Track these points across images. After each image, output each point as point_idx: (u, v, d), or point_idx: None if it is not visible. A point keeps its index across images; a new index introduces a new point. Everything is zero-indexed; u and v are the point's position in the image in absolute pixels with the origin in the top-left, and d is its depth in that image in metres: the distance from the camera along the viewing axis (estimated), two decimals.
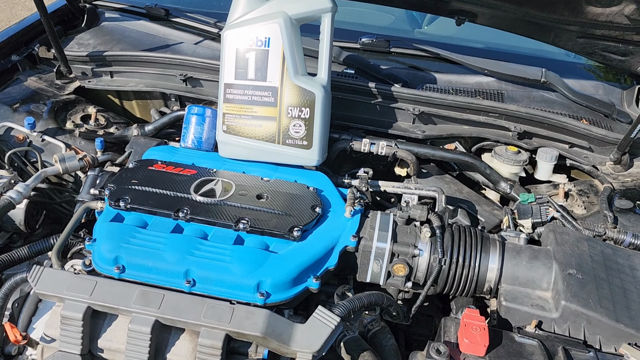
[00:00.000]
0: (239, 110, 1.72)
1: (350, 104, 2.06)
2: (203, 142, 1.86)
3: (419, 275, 1.52)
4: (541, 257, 1.50)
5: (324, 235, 1.50)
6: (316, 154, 1.73)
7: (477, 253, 1.50)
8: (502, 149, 1.99)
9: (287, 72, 1.68)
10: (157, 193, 1.54)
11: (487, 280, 1.49)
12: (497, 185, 1.93)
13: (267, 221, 1.47)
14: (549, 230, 1.60)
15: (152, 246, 1.39)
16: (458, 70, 2.25)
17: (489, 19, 2.01)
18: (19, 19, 6.82)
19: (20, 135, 1.90)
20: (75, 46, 2.28)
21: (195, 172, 1.65)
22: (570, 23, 1.86)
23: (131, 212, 1.50)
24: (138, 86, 2.18)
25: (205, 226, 1.47)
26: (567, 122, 1.98)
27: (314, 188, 1.63)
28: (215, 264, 1.36)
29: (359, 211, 1.57)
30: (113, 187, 1.54)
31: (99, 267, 1.37)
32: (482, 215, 1.83)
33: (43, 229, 1.87)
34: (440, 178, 1.97)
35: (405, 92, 2.01)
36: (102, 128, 2.05)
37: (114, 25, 2.45)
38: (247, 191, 1.58)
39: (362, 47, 2.31)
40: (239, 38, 1.70)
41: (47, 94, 2.12)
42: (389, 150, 1.88)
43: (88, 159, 1.82)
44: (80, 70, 2.22)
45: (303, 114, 1.70)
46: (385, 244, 1.49)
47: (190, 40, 2.34)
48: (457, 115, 2.03)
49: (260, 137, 1.73)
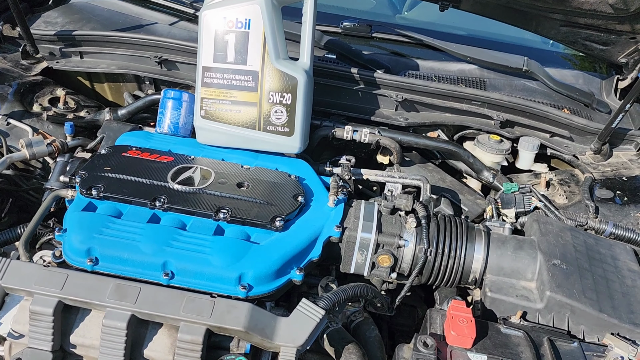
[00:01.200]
0: (217, 95, 1.66)
1: (332, 90, 2.01)
2: (180, 127, 1.78)
3: (404, 266, 1.50)
4: (526, 248, 1.49)
5: (307, 225, 1.45)
6: (298, 141, 1.68)
7: (463, 243, 1.48)
8: (484, 137, 1.97)
9: (269, 55, 1.62)
10: (132, 181, 1.47)
11: (473, 270, 1.48)
12: (480, 174, 1.91)
13: (248, 211, 1.42)
14: (533, 220, 1.59)
15: (128, 237, 1.32)
16: (440, 57, 2.22)
17: (472, 5, 1.97)
18: None
19: None
20: (42, 24, 2.17)
21: (172, 159, 1.58)
22: (555, 11, 1.84)
23: (104, 201, 1.42)
24: (110, 68, 2.08)
25: (183, 216, 1.41)
26: (549, 111, 1.97)
27: (296, 176, 1.59)
28: (194, 255, 1.30)
29: (343, 200, 1.54)
30: (84, 174, 1.47)
31: (70, 259, 1.30)
32: (465, 204, 1.82)
33: (9, 218, 1.78)
34: (423, 166, 1.94)
35: (388, 78, 1.97)
36: (72, 112, 1.95)
37: (83, 3, 2.34)
38: (227, 179, 1.52)
39: (343, 32, 2.26)
40: (218, 19, 1.62)
41: (12, 75, 2.01)
42: (372, 137, 1.84)
43: (57, 144, 1.73)
44: (47, 50, 2.11)
45: (285, 100, 1.64)
46: (370, 234, 1.46)
47: (165, 21, 2.25)
48: (440, 103, 2.00)
49: (240, 123, 1.66)
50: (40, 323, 1.19)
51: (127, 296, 1.20)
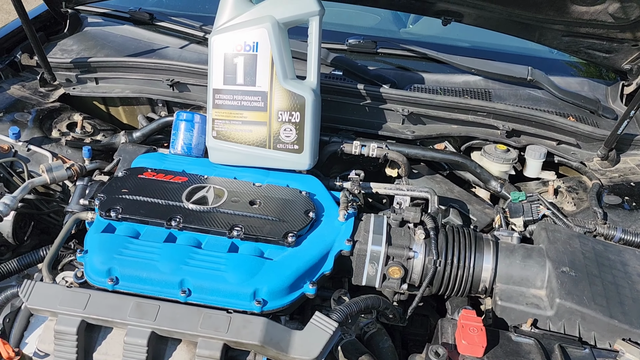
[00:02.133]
0: (228, 116, 1.71)
1: (339, 106, 2.06)
2: (193, 148, 1.84)
3: (414, 277, 1.53)
4: (534, 256, 1.51)
5: (319, 240, 1.49)
6: (308, 158, 1.72)
7: (472, 253, 1.51)
8: (491, 147, 2.00)
9: (277, 76, 1.67)
10: (149, 202, 1.52)
11: (482, 280, 1.50)
12: (488, 184, 1.94)
13: (261, 227, 1.46)
14: (541, 228, 1.61)
15: (146, 256, 1.37)
16: (445, 70, 2.26)
17: (475, 19, 2.02)
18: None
19: (5, 145, 1.86)
20: (59, 52, 2.25)
21: (186, 179, 1.64)
22: (556, 22, 1.88)
23: (122, 222, 1.48)
24: (124, 92, 2.15)
25: (198, 234, 1.46)
26: (554, 119, 2.00)
27: (307, 192, 1.63)
28: (210, 272, 1.34)
29: (353, 214, 1.57)
30: (103, 197, 1.52)
31: (91, 279, 1.35)
32: (473, 214, 1.84)
33: (31, 240, 1.84)
34: (431, 178, 1.98)
35: (394, 93, 2.01)
36: (89, 135, 2.02)
37: (97, 30, 2.42)
38: (240, 197, 1.57)
39: (349, 49, 2.31)
40: (226, 43, 1.68)
41: (31, 102, 2.09)
42: (380, 152, 1.88)
43: (76, 168, 1.79)
44: (64, 77, 2.19)
45: (293, 118, 1.69)
46: (380, 247, 1.49)
47: (175, 45, 2.32)
48: (445, 115, 2.04)
49: (251, 142, 1.71)
50: (64, 342, 1.24)
51: (147, 314, 1.25)
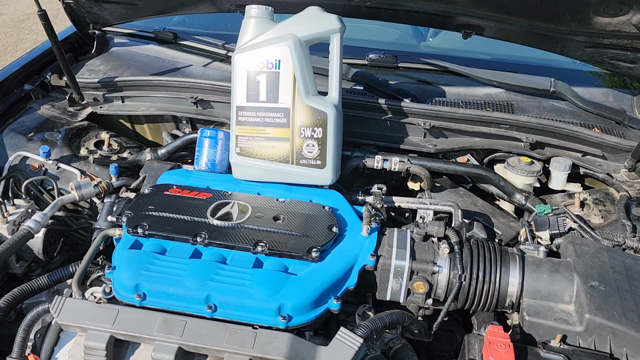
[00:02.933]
0: (251, 132, 1.73)
1: (361, 121, 2.07)
2: (216, 164, 1.87)
3: (439, 292, 1.52)
4: (562, 270, 1.49)
5: (343, 255, 1.49)
6: (330, 173, 1.73)
7: (497, 268, 1.49)
8: (514, 160, 1.99)
9: (299, 92, 1.69)
10: (174, 218, 1.54)
11: (509, 295, 1.48)
12: (512, 197, 1.92)
13: (285, 243, 1.47)
14: (568, 241, 1.59)
15: (172, 272, 1.39)
16: (466, 83, 2.26)
17: (495, 32, 2.01)
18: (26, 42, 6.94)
19: (35, 164, 1.92)
20: (87, 73, 2.31)
21: (210, 195, 1.66)
22: (578, 34, 1.87)
23: (149, 239, 1.50)
24: (149, 110, 2.20)
25: (223, 250, 1.47)
26: (579, 131, 1.98)
27: (330, 207, 1.64)
28: (235, 288, 1.36)
29: (376, 229, 1.57)
30: (130, 213, 1.55)
31: (119, 295, 1.38)
32: (498, 227, 1.83)
33: (61, 256, 1.88)
34: (454, 191, 1.97)
35: (415, 107, 2.02)
36: (116, 153, 2.06)
37: (123, 50, 2.48)
38: (264, 213, 1.58)
39: (370, 63, 2.32)
40: (249, 61, 1.71)
41: (60, 122, 2.14)
42: (402, 166, 1.88)
43: (103, 185, 1.83)
44: (92, 96, 2.25)
45: (316, 134, 1.71)
46: (404, 261, 1.49)
47: (199, 63, 2.36)
48: (468, 128, 2.03)
49: (274, 158, 1.73)
50: (94, 358, 1.26)
51: (174, 330, 1.26)
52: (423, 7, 1.92)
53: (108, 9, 2.27)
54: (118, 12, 2.30)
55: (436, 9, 1.92)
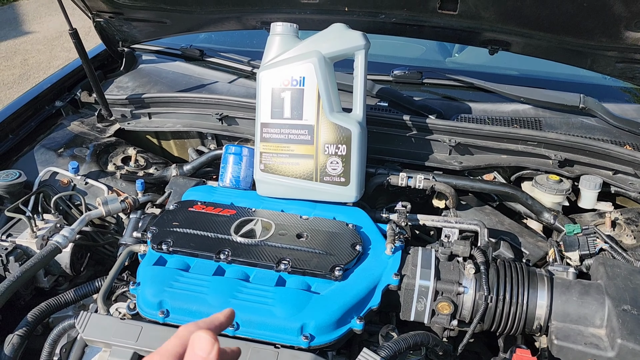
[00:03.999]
0: (276, 149, 1.74)
1: (385, 137, 2.06)
2: (241, 180, 1.88)
3: (465, 313, 1.49)
4: (592, 293, 1.44)
5: (366, 274, 1.48)
6: (354, 190, 1.72)
7: (525, 289, 1.46)
8: (543, 178, 1.95)
9: (323, 109, 1.70)
10: (198, 235, 1.55)
11: (537, 317, 1.44)
12: (540, 216, 1.88)
13: (308, 261, 1.46)
14: (599, 263, 1.54)
15: (195, 289, 1.39)
16: (493, 99, 2.23)
17: (523, 48, 1.99)
18: (58, 59, 7.14)
19: (64, 179, 1.96)
20: (115, 89, 2.36)
21: (234, 212, 1.67)
22: (609, 49, 1.83)
23: (173, 255, 1.51)
24: (175, 126, 2.23)
25: (246, 267, 1.47)
26: (610, 148, 1.93)
27: (353, 225, 1.62)
28: (258, 306, 1.35)
29: (400, 248, 1.55)
30: (155, 229, 1.57)
31: (143, 311, 1.39)
32: (526, 247, 1.79)
33: (87, 271, 1.90)
34: (480, 209, 1.93)
35: (440, 123, 2.00)
36: (142, 169, 2.09)
37: (151, 67, 2.53)
38: (287, 230, 1.58)
39: (394, 80, 2.31)
40: (274, 78, 1.72)
41: (89, 138, 2.19)
42: (427, 183, 1.86)
43: (129, 201, 1.86)
44: (120, 112, 2.29)
45: (340, 151, 1.70)
46: (429, 281, 1.47)
47: (224, 79, 2.39)
48: (494, 145, 2.00)
49: (298, 175, 1.73)
50: None
51: None
52: (449, 22, 1.91)
53: (137, 27, 2.32)
54: (147, 30, 2.35)
55: (462, 24, 1.90)
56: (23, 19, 8.90)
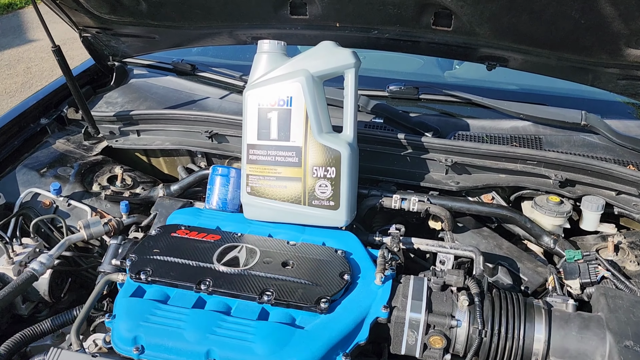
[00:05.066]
0: (262, 172, 1.67)
1: (379, 156, 1.98)
2: (228, 202, 1.81)
3: (458, 347, 1.41)
4: (592, 327, 1.36)
5: (353, 305, 1.40)
6: (344, 215, 1.65)
7: (521, 323, 1.38)
8: (543, 199, 1.87)
9: (311, 130, 1.63)
10: (179, 263, 1.48)
11: (534, 353, 1.36)
12: (540, 240, 1.80)
13: (292, 292, 1.39)
14: (600, 293, 1.46)
15: (173, 324, 1.32)
16: (492, 115, 2.16)
17: (521, 64, 1.92)
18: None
19: (46, 200, 1.90)
20: (104, 105, 2.30)
21: (219, 237, 1.60)
22: (610, 65, 1.75)
23: (152, 285, 1.44)
24: (164, 144, 2.17)
25: (228, 299, 1.40)
26: (613, 168, 1.85)
27: (343, 251, 1.55)
28: (237, 343, 1.28)
29: (391, 277, 1.48)
30: (134, 257, 1.50)
31: (117, 347, 1.32)
32: (524, 273, 1.71)
33: (69, 296, 1.84)
34: (477, 232, 1.86)
35: (437, 142, 1.92)
36: (129, 188, 2.03)
37: (141, 82, 2.48)
38: (272, 258, 1.51)
39: (390, 95, 2.24)
40: (260, 98, 1.65)
41: (74, 156, 2.13)
42: (421, 206, 1.79)
43: (113, 224, 1.79)
44: (108, 129, 2.23)
45: (329, 174, 1.63)
46: (420, 314, 1.39)
47: (216, 95, 2.33)
48: (492, 165, 1.92)
49: (286, 199, 1.66)
50: None
51: None
52: (444, 38, 1.84)
53: (126, 42, 2.27)
54: (136, 45, 2.29)
55: (457, 40, 1.84)
56: (27, 27, 8.91)
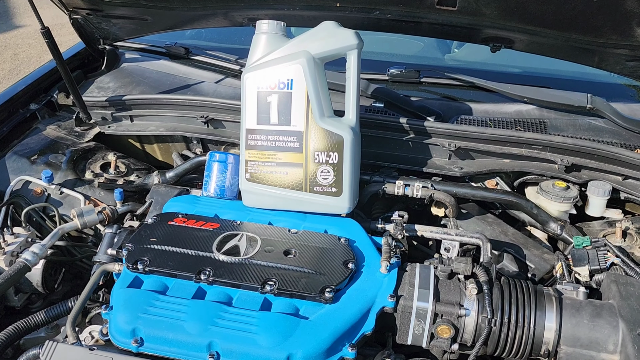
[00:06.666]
0: (262, 157, 1.61)
1: (381, 141, 1.93)
2: (226, 190, 1.75)
3: (466, 337, 1.37)
4: (604, 315, 1.33)
5: (359, 295, 1.36)
6: (346, 201, 1.60)
7: (531, 311, 1.34)
8: (548, 184, 1.82)
9: (312, 114, 1.57)
10: (178, 252, 1.43)
11: (544, 342, 1.33)
12: (546, 226, 1.76)
13: (295, 282, 1.34)
14: (611, 280, 1.43)
15: (172, 315, 1.27)
16: (495, 99, 2.11)
17: (527, 45, 1.86)
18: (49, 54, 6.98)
19: (38, 188, 1.83)
20: (95, 90, 2.23)
21: (218, 225, 1.54)
22: (619, 46, 1.70)
23: (150, 275, 1.39)
24: (158, 130, 2.10)
25: (229, 289, 1.35)
26: (619, 152, 1.80)
27: (346, 239, 1.50)
28: (240, 334, 1.23)
29: (396, 265, 1.44)
30: (131, 247, 1.44)
31: (115, 339, 1.27)
32: (531, 260, 1.67)
33: (63, 286, 1.78)
34: (482, 219, 1.82)
35: (439, 126, 1.87)
36: (122, 176, 1.97)
37: (134, 66, 2.40)
38: (274, 246, 1.46)
39: (390, 79, 2.19)
40: (260, 81, 1.59)
41: (66, 143, 2.06)
42: (425, 192, 1.74)
43: (107, 212, 1.74)
44: (100, 115, 2.16)
45: (331, 159, 1.58)
46: (427, 303, 1.35)
47: (211, 79, 2.26)
48: (496, 149, 1.88)
49: (286, 185, 1.61)
50: None
51: None
52: (447, 19, 1.78)
53: (117, 24, 2.19)
54: (127, 27, 2.21)
55: (462, 21, 1.78)
56: (14, 13, 8.72)
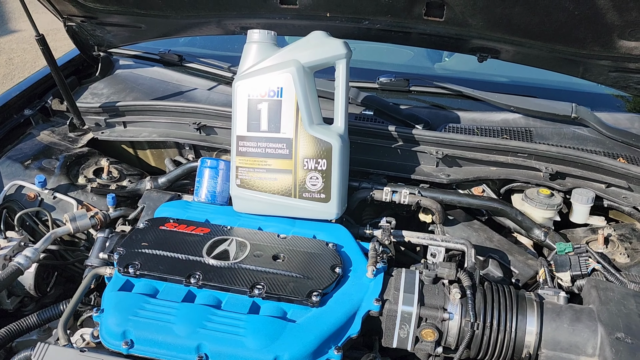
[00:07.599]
0: (252, 164, 1.65)
1: (370, 149, 1.97)
2: (217, 195, 1.78)
3: (450, 340, 1.40)
4: (584, 319, 1.36)
5: (345, 299, 1.39)
6: (335, 207, 1.63)
7: (513, 315, 1.37)
8: (533, 192, 1.86)
9: (302, 122, 1.61)
10: (168, 257, 1.46)
11: (526, 345, 1.36)
12: (530, 233, 1.80)
13: (284, 286, 1.37)
14: (591, 286, 1.47)
15: (162, 318, 1.30)
16: (482, 107, 2.15)
17: (513, 55, 1.91)
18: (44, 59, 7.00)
19: (31, 193, 1.86)
20: (89, 96, 2.25)
21: (208, 230, 1.57)
22: (602, 58, 1.75)
23: (141, 279, 1.42)
24: (151, 136, 2.13)
25: (218, 292, 1.38)
26: (603, 161, 1.85)
27: (334, 244, 1.54)
28: (228, 337, 1.26)
29: (382, 270, 1.47)
30: (122, 251, 1.47)
31: (106, 342, 1.29)
32: (515, 266, 1.71)
33: (56, 290, 1.81)
34: (468, 225, 1.85)
35: (427, 134, 1.91)
36: (115, 181, 1.99)
37: (127, 72, 2.43)
38: (263, 251, 1.49)
39: (380, 87, 2.23)
40: (250, 89, 1.63)
41: (59, 148, 2.08)
42: (412, 198, 1.78)
43: (100, 217, 1.76)
44: (93, 121, 2.19)
45: (320, 166, 1.61)
46: (412, 307, 1.38)
47: (204, 86, 2.30)
48: (483, 157, 1.92)
49: (276, 191, 1.64)
50: None
51: None
52: (435, 29, 1.83)
53: (111, 31, 2.22)
54: (122, 34, 2.24)
55: (449, 31, 1.82)
56: (8, 18, 8.72)
